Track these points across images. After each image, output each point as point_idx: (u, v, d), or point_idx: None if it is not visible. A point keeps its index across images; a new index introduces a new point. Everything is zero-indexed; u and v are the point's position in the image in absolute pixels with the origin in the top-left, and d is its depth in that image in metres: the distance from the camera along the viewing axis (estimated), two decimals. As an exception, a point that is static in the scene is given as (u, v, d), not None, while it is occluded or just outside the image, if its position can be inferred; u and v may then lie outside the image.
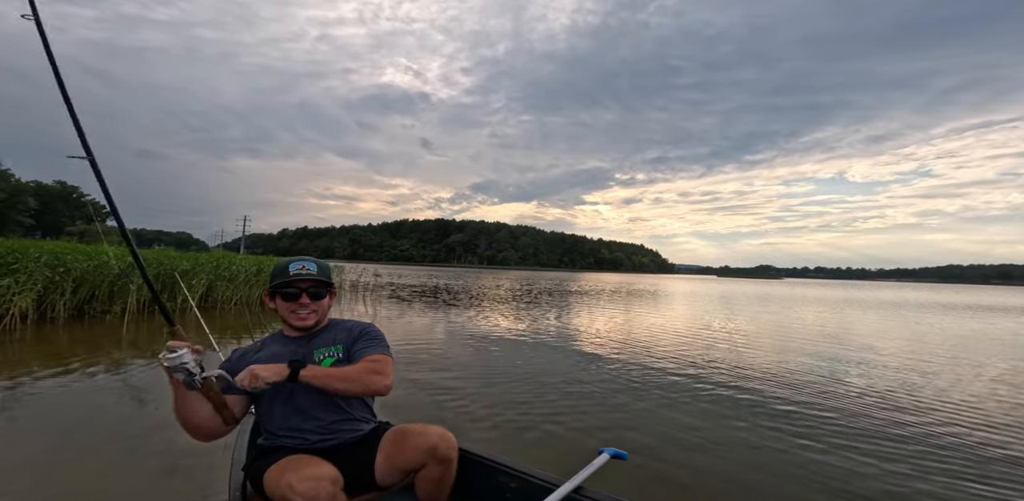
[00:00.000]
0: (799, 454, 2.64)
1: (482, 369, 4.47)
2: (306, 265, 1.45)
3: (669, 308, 13.44)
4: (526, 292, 18.16)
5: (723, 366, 5.03)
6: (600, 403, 3.50)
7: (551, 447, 2.63)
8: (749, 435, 2.92)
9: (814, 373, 4.86)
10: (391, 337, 5.82)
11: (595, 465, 1.48)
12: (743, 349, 6.32)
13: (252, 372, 1.21)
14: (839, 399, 3.89)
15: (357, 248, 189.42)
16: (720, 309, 13.74)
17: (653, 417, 3.21)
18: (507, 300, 13.79)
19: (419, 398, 3.45)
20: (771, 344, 6.93)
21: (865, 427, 3.17)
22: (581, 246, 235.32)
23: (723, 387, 4.10)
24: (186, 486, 2.02)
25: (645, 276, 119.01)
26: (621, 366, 4.85)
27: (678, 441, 2.77)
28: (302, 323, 1.43)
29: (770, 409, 3.50)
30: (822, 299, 22.79)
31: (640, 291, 24.15)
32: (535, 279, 37.80)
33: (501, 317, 9.20)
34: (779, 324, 9.95)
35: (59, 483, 2.03)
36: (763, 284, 63.24)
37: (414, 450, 1.33)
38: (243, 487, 1.38)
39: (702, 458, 2.55)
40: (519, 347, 5.79)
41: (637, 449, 2.60)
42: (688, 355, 5.66)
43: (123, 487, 2.01)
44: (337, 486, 1.16)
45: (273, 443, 1.40)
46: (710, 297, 20.98)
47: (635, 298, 17.49)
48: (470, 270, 77.04)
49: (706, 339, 7.11)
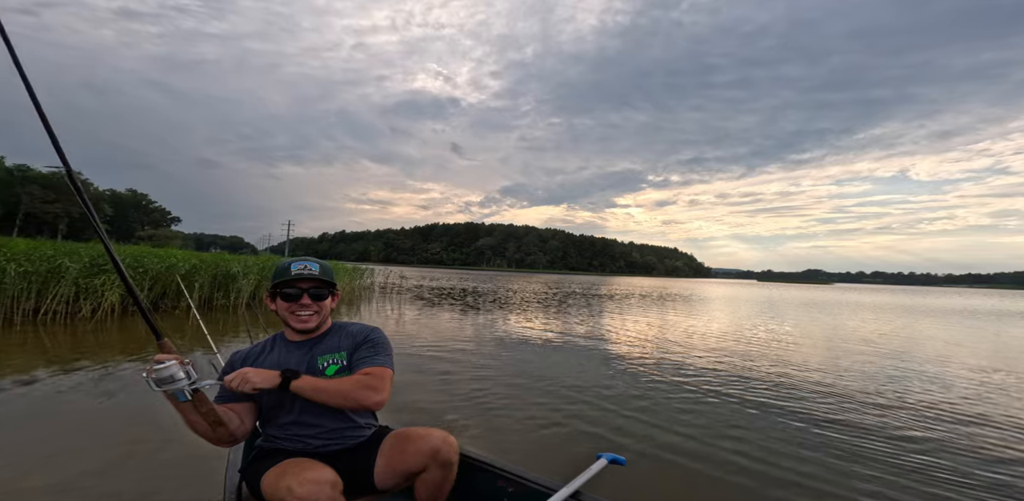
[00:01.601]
0: (820, 475, 2.41)
1: (492, 371, 4.51)
2: (308, 265, 1.42)
3: (700, 313, 13.07)
4: (551, 296, 18.28)
5: (748, 375, 4.75)
6: (604, 408, 3.44)
7: (551, 450, 2.62)
8: (766, 449, 2.74)
9: (860, 387, 4.43)
10: (409, 336, 6.30)
11: (593, 470, 1.47)
12: (777, 357, 5.94)
13: (244, 376, 1.20)
14: (889, 417, 3.51)
15: (391, 251, 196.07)
16: (757, 315, 13.23)
17: (656, 423, 3.14)
18: (529, 303, 14.09)
19: (425, 397, 3.49)
20: (814, 353, 6.55)
21: (931, 458, 2.69)
22: (611, 249, 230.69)
23: (748, 398, 3.87)
24: (180, 486, 2.00)
25: (679, 280, 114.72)
26: (636, 371, 4.77)
27: (679, 449, 2.70)
28: (303, 325, 1.40)
29: (791, 423, 3.26)
30: (879, 306, 21.31)
31: (672, 295, 23.53)
32: (563, 283, 37.39)
33: (521, 320, 9.58)
34: (826, 331, 9.40)
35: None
36: (811, 289, 59.53)
37: (416, 453, 1.33)
38: (239, 489, 1.37)
39: (704, 467, 2.47)
40: (534, 350, 5.86)
41: (636, 455, 2.56)
42: (710, 361, 5.45)
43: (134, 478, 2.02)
44: (337, 490, 1.16)
45: (272, 446, 1.39)
46: (749, 302, 20.18)
47: (666, 302, 17.10)
48: (499, 273, 77.38)
49: (736, 346, 6.81)
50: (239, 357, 1.43)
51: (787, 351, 6.60)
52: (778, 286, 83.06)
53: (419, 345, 5.77)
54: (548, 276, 73.96)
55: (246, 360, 1.42)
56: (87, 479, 2.04)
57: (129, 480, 2.05)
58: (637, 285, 42.99)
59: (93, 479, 2.04)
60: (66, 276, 6.43)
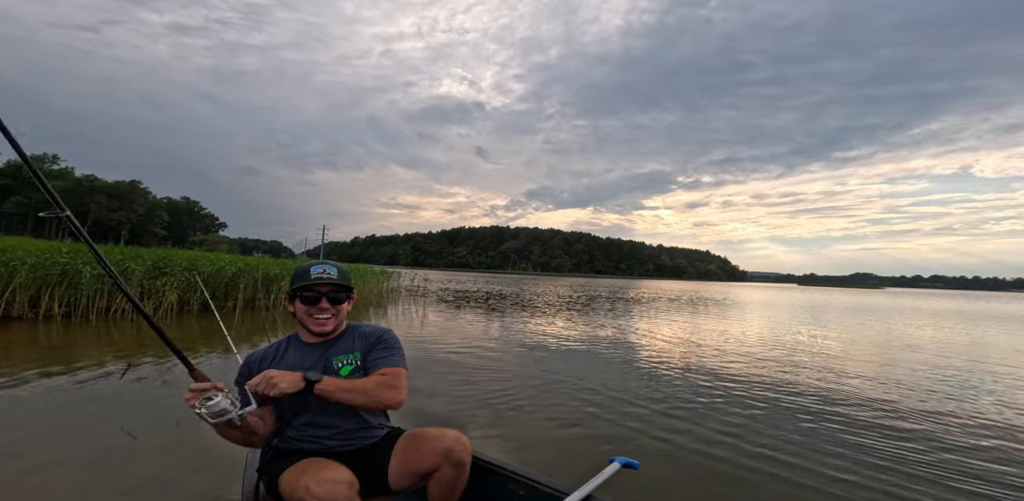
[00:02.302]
0: (855, 491, 2.29)
1: (509, 372, 4.53)
2: (327, 269, 1.45)
3: (732, 317, 12.73)
4: (575, 299, 18.24)
5: (780, 382, 4.59)
6: (620, 411, 3.42)
7: (564, 453, 2.61)
8: (790, 457, 2.64)
9: (909, 396, 4.22)
10: (430, 337, 6.63)
11: (605, 474, 1.45)
12: (816, 364, 5.68)
13: (269, 380, 1.20)
14: (938, 425, 3.34)
15: (419, 255, 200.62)
16: (796, 319, 12.68)
17: (673, 427, 3.10)
18: (551, 306, 14.18)
19: (441, 398, 3.52)
20: (858, 359, 6.30)
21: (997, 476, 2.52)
22: (639, 252, 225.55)
23: (777, 405, 3.76)
24: (200, 484, 2.05)
25: (712, 284, 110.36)
26: (657, 375, 4.73)
27: (696, 454, 2.65)
28: (320, 328, 1.43)
29: (822, 430, 3.15)
30: (937, 311, 19.84)
31: (703, 299, 22.83)
32: (589, 286, 36.97)
33: (542, 322, 9.72)
34: (874, 337, 8.99)
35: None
36: (859, 294, 55.99)
37: (430, 453, 1.35)
38: (256, 488, 1.40)
39: (720, 474, 2.41)
40: (552, 352, 5.90)
41: (650, 459, 2.52)
42: (739, 367, 5.32)
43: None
44: (353, 490, 1.18)
45: (289, 446, 1.42)
46: (787, 306, 19.36)
47: (696, 306, 16.68)
48: (524, 277, 77.42)
49: (770, 351, 6.57)
50: (255, 358, 1.46)
51: (828, 357, 6.33)
52: (821, 290, 78.24)
53: (439, 346, 5.92)
54: (573, 279, 73.08)
55: (262, 361, 1.44)
56: (128, 459, 2.24)
57: (158, 467, 2.19)
58: (666, 288, 41.91)
59: (133, 460, 2.24)
60: (132, 278, 7.19)
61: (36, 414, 2.86)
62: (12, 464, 2.18)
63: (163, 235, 71.23)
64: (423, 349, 5.68)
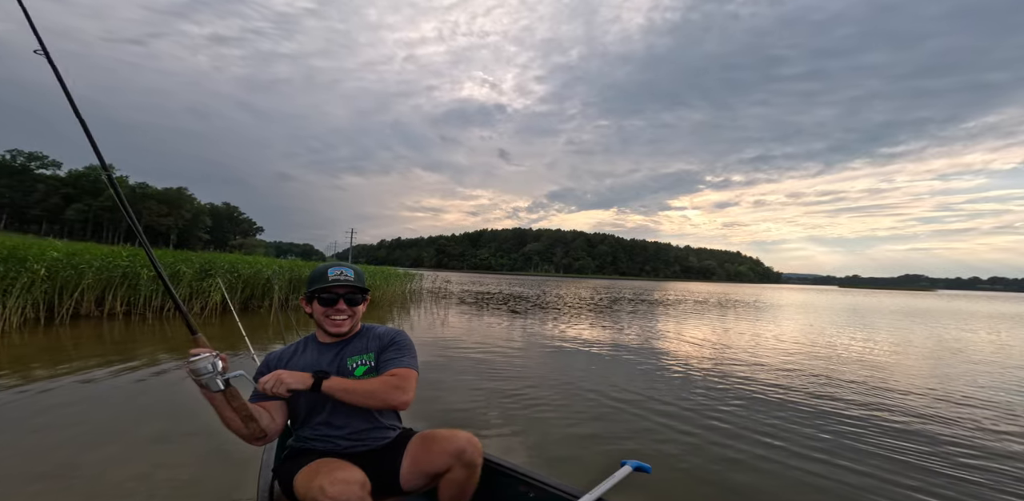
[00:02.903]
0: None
1: (522, 373, 4.57)
2: (344, 271, 1.48)
3: (761, 320, 12.37)
4: (597, 301, 18.17)
5: (813, 388, 4.44)
6: (634, 413, 3.40)
7: (575, 455, 2.60)
8: (814, 466, 2.57)
9: (959, 403, 4.04)
10: (448, 338, 6.88)
11: (616, 477, 1.44)
12: (852, 371, 5.42)
13: (278, 377, 1.24)
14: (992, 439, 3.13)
15: (442, 257, 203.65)
16: (834, 323, 12.09)
17: (688, 431, 3.06)
18: (571, 308, 14.20)
19: (454, 398, 3.56)
20: (901, 365, 6.01)
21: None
22: (665, 254, 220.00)
23: (804, 411, 3.66)
24: (216, 483, 2.08)
25: (743, 286, 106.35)
26: (675, 377, 4.69)
27: (711, 459, 2.61)
28: (337, 329, 1.47)
29: (859, 438, 3.02)
30: (996, 315, 18.43)
31: (732, 301, 22.12)
32: (612, 288, 36.38)
33: (560, 324, 9.82)
34: (924, 342, 8.56)
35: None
36: (907, 296, 52.90)
37: (441, 453, 1.37)
38: (271, 487, 1.43)
39: (734, 479, 2.37)
40: (568, 354, 5.96)
41: (663, 463, 2.50)
42: (764, 371, 5.19)
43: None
44: (366, 490, 1.20)
45: (303, 446, 1.45)
46: (826, 309, 18.42)
47: (725, 309, 16.25)
48: (547, 278, 77.09)
49: (801, 357, 6.30)
50: (273, 357, 1.51)
51: (867, 363, 6.06)
52: (865, 292, 73.84)
53: (456, 347, 6.07)
54: (597, 281, 72.40)
55: (280, 361, 1.49)
56: (155, 447, 2.39)
57: (180, 463, 2.27)
58: (693, 290, 40.78)
59: (161, 447, 2.38)
60: (183, 280, 7.89)
61: (100, 404, 3.18)
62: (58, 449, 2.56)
63: (206, 239, 75.68)
64: (441, 348, 5.95)
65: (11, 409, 2.94)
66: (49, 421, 2.76)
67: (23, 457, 2.29)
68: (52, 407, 3.00)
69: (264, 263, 10.43)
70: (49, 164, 70.34)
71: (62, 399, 3.17)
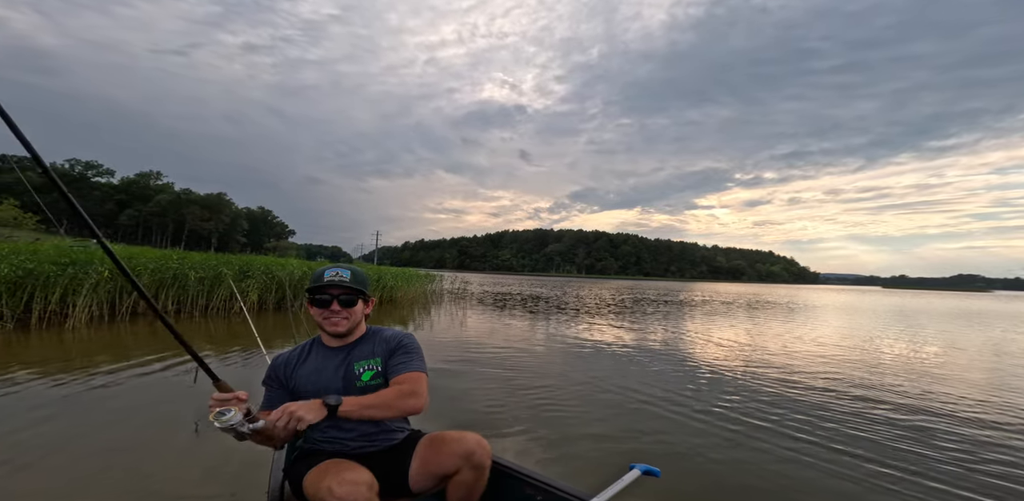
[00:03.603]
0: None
1: (534, 374, 4.61)
2: (340, 272, 1.48)
3: (794, 322, 11.92)
4: (618, 302, 17.90)
5: (844, 396, 4.23)
6: (645, 416, 3.40)
7: (583, 458, 2.59)
8: (830, 479, 2.46)
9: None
10: (463, 339, 7.14)
11: (625, 481, 1.43)
12: (892, 382, 4.99)
13: (291, 414, 1.18)
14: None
15: (464, 258, 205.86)
16: (877, 326, 11.52)
17: (700, 434, 3.03)
18: (590, 309, 14.21)
19: (465, 399, 3.61)
20: (953, 372, 5.68)
21: None
22: (691, 254, 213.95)
23: (831, 418, 3.53)
24: (228, 483, 2.12)
25: (776, 286, 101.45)
26: (692, 380, 4.63)
27: (724, 465, 2.58)
28: (333, 329, 1.47)
29: (888, 450, 2.87)
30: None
31: (762, 302, 21.33)
32: (635, 289, 35.41)
33: (577, 325, 9.74)
34: (981, 347, 8.08)
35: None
36: (960, 297, 49.53)
37: (450, 455, 1.37)
38: (281, 488, 1.44)
39: (746, 485, 2.34)
40: (583, 355, 6.01)
41: (673, 468, 2.47)
42: (790, 375, 5.02)
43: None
44: (373, 491, 1.21)
45: (313, 447, 1.47)
46: (868, 311, 17.41)
47: (754, 310, 15.77)
48: (569, 279, 76.49)
49: (833, 363, 5.99)
50: (280, 361, 1.52)
51: (909, 369, 5.70)
52: (912, 293, 69.45)
53: (471, 347, 6.22)
54: (620, 282, 71.03)
55: (287, 365, 1.51)
56: (170, 451, 2.45)
57: (193, 462, 2.35)
58: (721, 291, 39.50)
59: (186, 442, 2.51)
60: (224, 281, 8.59)
61: (148, 395, 3.56)
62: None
63: (243, 242, 79.69)
64: (456, 348, 6.24)
65: (78, 395, 3.45)
66: (106, 407, 3.17)
67: (82, 437, 2.68)
68: (109, 397, 3.46)
69: (295, 265, 11.11)
70: (103, 172, 76.29)
71: (116, 390, 3.61)
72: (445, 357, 5.44)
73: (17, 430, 2.68)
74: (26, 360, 4.35)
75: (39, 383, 3.62)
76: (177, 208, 71.79)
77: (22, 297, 6.29)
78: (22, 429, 2.70)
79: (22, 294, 6.29)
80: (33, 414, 2.94)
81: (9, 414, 2.94)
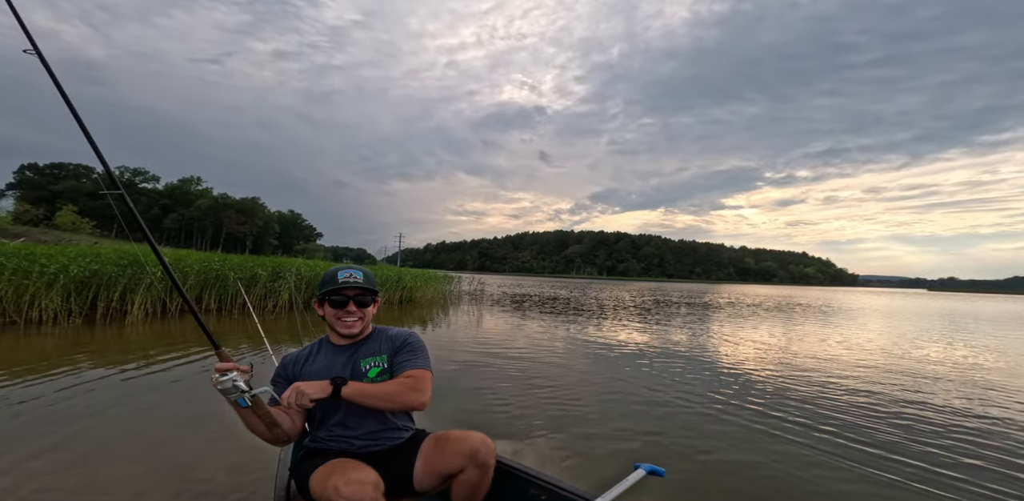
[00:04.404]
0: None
1: (542, 375, 4.64)
2: (353, 273, 1.51)
3: (828, 325, 11.44)
4: (637, 304, 17.65)
5: (875, 406, 3.96)
6: (653, 416, 3.40)
7: (588, 458, 2.60)
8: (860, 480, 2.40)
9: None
10: (477, 339, 7.43)
11: (629, 480, 1.43)
12: (936, 382, 4.79)
13: (297, 389, 1.28)
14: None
15: (485, 260, 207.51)
16: (919, 331, 10.90)
17: (708, 437, 3.00)
18: (607, 310, 14.23)
19: (473, 399, 3.64)
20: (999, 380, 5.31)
21: None
22: (717, 255, 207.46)
23: (854, 426, 3.35)
24: (235, 481, 2.13)
25: (810, 288, 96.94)
26: (708, 384, 4.55)
27: (728, 465, 2.57)
28: (348, 330, 1.50)
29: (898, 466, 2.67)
30: None
31: (792, 305, 20.56)
32: (658, 291, 34.50)
33: (593, 327, 9.73)
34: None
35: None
36: (1016, 301, 45.68)
37: (455, 454, 1.39)
38: (288, 487, 1.46)
39: (760, 489, 2.30)
40: (594, 356, 6.04)
41: (678, 468, 2.47)
42: (813, 382, 4.83)
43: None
44: (379, 491, 1.22)
45: (319, 446, 1.49)
46: (911, 315, 16.48)
47: (783, 313, 15.27)
48: (590, 281, 75.70)
49: (861, 370, 5.63)
50: (290, 360, 1.56)
51: (959, 380, 5.28)
52: (962, 297, 64.49)
53: (483, 346, 6.35)
54: (642, 284, 69.70)
55: (296, 363, 1.54)
56: (179, 448, 2.51)
57: (202, 460, 2.38)
58: (749, 293, 38.23)
59: (182, 449, 2.49)
60: (259, 281, 9.29)
61: (188, 387, 3.94)
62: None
63: (275, 244, 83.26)
64: (468, 348, 6.36)
65: (132, 383, 3.99)
66: (153, 398, 3.51)
67: (138, 422, 3.14)
68: (158, 387, 3.97)
69: (323, 267, 11.80)
70: (149, 179, 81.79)
71: (157, 381, 4.02)
72: (457, 355, 5.68)
73: (84, 412, 3.20)
74: (90, 351, 5.00)
75: (103, 371, 4.20)
76: (215, 212, 76.01)
77: (88, 295, 7.10)
78: (86, 412, 3.21)
79: (88, 292, 7.09)
80: (91, 397, 3.48)
81: (75, 395, 3.48)
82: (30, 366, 4.15)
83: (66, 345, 5.21)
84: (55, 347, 5.09)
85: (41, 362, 4.31)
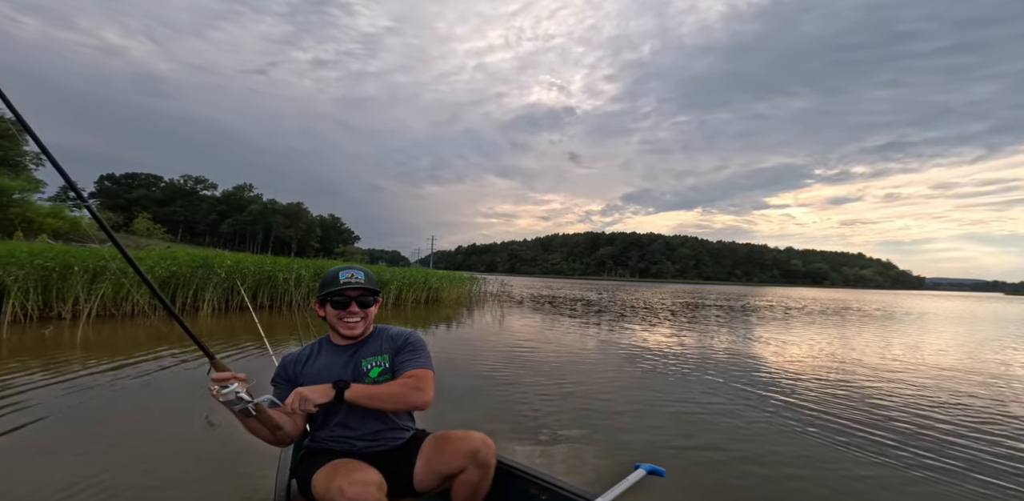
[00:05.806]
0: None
1: (548, 375, 4.65)
2: (355, 274, 1.50)
3: (880, 332, 10.60)
4: (665, 307, 17.16)
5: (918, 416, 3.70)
6: (656, 417, 3.39)
7: (589, 458, 2.58)
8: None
9: None
10: (493, 339, 8.07)
11: (630, 480, 1.43)
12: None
13: (300, 395, 1.28)
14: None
15: (515, 262, 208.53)
16: (990, 339, 9.91)
17: (712, 436, 2.99)
18: (624, 312, 14.23)
19: (480, 399, 3.65)
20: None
21: None
22: (759, 256, 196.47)
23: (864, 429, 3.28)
24: (235, 482, 2.11)
25: (866, 292, 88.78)
26: (721, 386, 4.45)
27: (731, 466, 2.55)
28: (350, 331, 1.50)
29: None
30: None
31: (843, 309, 18.97)
32: (695, 293, 32.98)
33: (609, 330, 9.81)
34: None
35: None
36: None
37: (456, 454, 1.39)
38: (288, 487, 1.46)
39: (757, 487, 2.30)
40: (602, 356, 6.08)
41: (679, 468, 2.46)
42: (841, 389, 4.53)
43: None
44: (382, 492, 1.23)
45: (320, 446, 1.49)
46: (984, 321, 15.25)
47: (832, 317, 14.23)
48: (621, 283, 73.89)
49: (900, 376, 5.26)
50: (290, 359, 1.55)
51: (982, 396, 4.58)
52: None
53: (494, 348, 6.41)
54: (677, 286, 67.20)
55: (296, 363, 1.54)
56: (183, 448, 2.49)
57: (207, 460, 2.37)
58: (794, 296, 36.02)
59: (186, 449, 2.49)
60: (303, 281, 10.42)
61: None
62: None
63: (317, 247, 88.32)
64: (482, 347, 6.57)
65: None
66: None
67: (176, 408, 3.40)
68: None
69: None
70: (209, 186, 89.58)
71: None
72: (463, 350, 6.00)
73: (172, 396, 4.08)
74: (172, 342, 6.09)
75: (183, 358, 5.20)
76: (265, 217, 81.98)
77: (168, 292, 8.40)
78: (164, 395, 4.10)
79: (168, 290, 8.40)
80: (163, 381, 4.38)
81: (167, 381, 4.39)
82: (139, 350, 5.26)
83: (154, 335, 6.36)
84: (146, 335, 6.25)
85: (137, 348, 5.42)
